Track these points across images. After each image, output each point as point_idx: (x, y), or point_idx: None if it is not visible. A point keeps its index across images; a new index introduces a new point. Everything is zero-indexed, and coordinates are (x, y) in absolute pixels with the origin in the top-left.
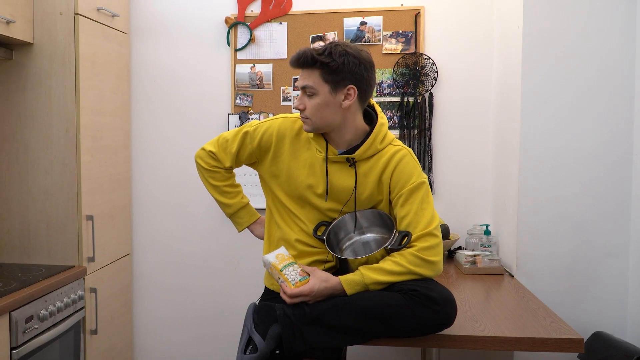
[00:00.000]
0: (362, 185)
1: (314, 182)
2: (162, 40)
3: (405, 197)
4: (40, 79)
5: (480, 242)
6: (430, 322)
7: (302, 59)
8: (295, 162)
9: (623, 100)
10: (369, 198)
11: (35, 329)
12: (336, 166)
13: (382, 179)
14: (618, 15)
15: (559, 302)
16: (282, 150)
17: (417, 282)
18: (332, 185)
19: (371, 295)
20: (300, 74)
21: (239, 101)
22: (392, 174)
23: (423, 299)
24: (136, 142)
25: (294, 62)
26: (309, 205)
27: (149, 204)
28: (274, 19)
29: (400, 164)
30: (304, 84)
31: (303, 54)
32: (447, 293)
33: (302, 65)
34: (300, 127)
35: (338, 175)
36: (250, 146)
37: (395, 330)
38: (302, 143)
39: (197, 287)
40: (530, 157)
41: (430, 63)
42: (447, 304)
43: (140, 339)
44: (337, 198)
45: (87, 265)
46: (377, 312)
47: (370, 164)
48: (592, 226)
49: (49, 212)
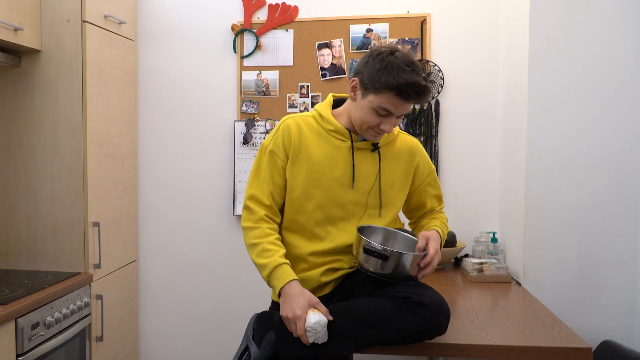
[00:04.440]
0: (386, 170)
1: (339, 172)
2: (168, 47)
3: (432, 183)
4: (48, 86)
5: (487, 250)
6: (420, 328)
7: (425, 96)
8: (317, 154)
9: (630, 109)
10: (392, 186)
11: (41, 336)
12: (360, 154)
13: (408, 167)
14: (626, 23)
15: (567, 310)
16: (302, 145)
17: (412, 288)
18: (357, 173)
19: (363, 301)
20: (403, 105)
21: (245, 108)
22: (417, 163)
23: (413, 306)
24: (142, 148)
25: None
26: (331, 202)
27: (155, 210)
28: (280, 26)
29: (422, 155)
30: (404, 113)
31: (426, 90)
32: (438, 299)
33: (422, 101)
34: (308, 123)
35: (363, 163)
36: (282, 161)
37: (386, 336)
38: (318, 137)
39: (203, 294)
40: (537, 164)
41: (437, 70)
42: (437, 310)
43: (145, 346)
44: (362, 187)
45: (93, 271)
46: (369, 318)
47: (392, 151)
48: (600, 234)
49: (55, 219)
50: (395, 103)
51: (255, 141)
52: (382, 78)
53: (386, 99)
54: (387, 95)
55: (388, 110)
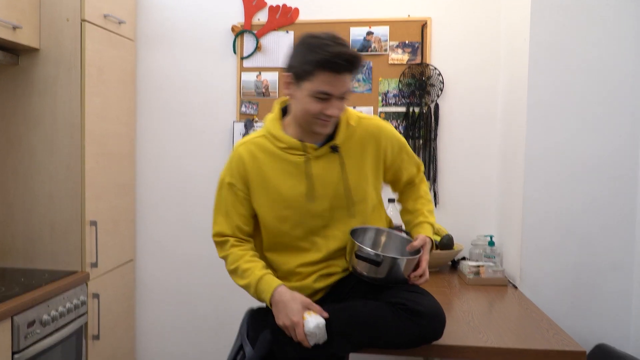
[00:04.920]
0: (352, 167)
1: (303, 188)
2: (168, 48)
3: (404, 157)
4: (46, 85)
5: (484, 253)
6: (416, 335)
7: (356, 63)
8: (277, 176)
9: (629, 115)
10: (362, 181)
11: (37, 334)
12: (322, 161)
13: (376, 155)
14: (625, 30)
15: (562, 314)
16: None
17: (408, 294)
18: (319, 182)
19: (361, 304)
20: (338, 80)
21: (244, 109)
22: (385, 147)
23: (409, 313)
24: (141, 148)
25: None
26: (306, 217)
27: (153, 210)
28: (280, 28)
29: (386, 135)
30: (348, 89)
31: (353, 57)
32: (434, 307)
33: (352, 70)
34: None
35: (326, 170)
36: (242, 192)
37: (383, 341)
38: (276, 156)
39: (200, 293)
40: (536, 169)
41: (437, 74)
42: (433, 319)
43: (142, 345)
44: (329, 193)
45: (90, 270)
46: (365, 322)
47: (354, 144)
48: (597, 239)
49: (52, 217)
50: (329, 81)
51: None
52: (309, 59)
53: (320, 80)
54: (319, 75)
55: (326, 93)
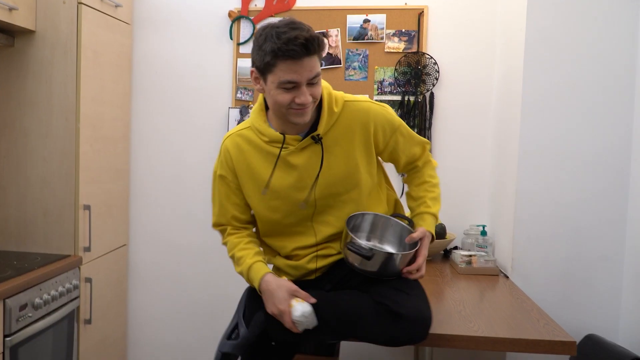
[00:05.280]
0: (337, 155)
1: (291, 179)
2: (164, 32)
3: (399, 139)
4: (42, 67)
5: (476, 243)
6: (396, 337)
7: (312, 45)
8: (263, 168)
9: (623, 107)
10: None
11: (29, 317)
12: (306, 152)
13: (364, 139)
14: (621, 22)
15: (553, 304)
16: (246, 165)
17: (393, 293)
18: (307, 173)
19: (346, 298)
20: (299, 66)
21: (239, 95)
22: (374, 130)
23: (391, 315)
24: (136, 133)
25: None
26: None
27: (147, 195)
28: (277, 14)
29: (376, 118)
30: (315, 73)
31: (308, 39)
32: (418, 311)
33: (312, 52)
34: (246, 137)
35: (311, 161)
36: (233, 182)
37: (363, 336)
38: (261, 148)
39: (193, 279)
40: (529, 160)
41: (432, 63)
42: (415, 323)
43: (134, 329)
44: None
45: (82, 254)
46: (349, 316)
47: (340, 131)
48: (588, 230)
49: (46, 201)
50: (290, 68)
51: None
52: (267, 50)
53: (281, 70)
54: (279, 65)
55: (291, 81)
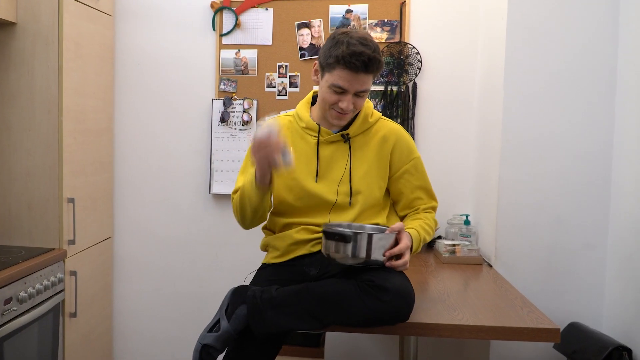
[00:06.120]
0: (360, 159)
1: (312, 166)
2: (147, 24)
3: (411, 171)
4: (23, 59)
5: (459, 232)
6: (380, 313)
7: (372, 66)
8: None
9: (604, 95)
10: (366, 174)
11: (14, 311)
12: (332, 147)
13: (382, 153)
14: (602, 15)
15: (537, 292)
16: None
17: (379, 272)
18: (324, 165)
19: (329, 282)
20: (354, 78)
21: (223, 86)
22: (392, 148)
23: (374, 290)
24: (119, 125)
25: (357, 67)
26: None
27: (131, 187)
28: (260, 5)
29: (399, 139)
30: (365, 89)
31: (372, 60)
32: (403, 286)
33: (369, 72)
34: (288, 122)
35: (335, 154)
36: None
37: (347, 318)
38: (294, 134)
39: (178, 271)
40: (512, 148)
41: (415, 53)
42: (397, 296)
43: (119, 322)
44: (331, 177)
45: (67, 248)
46: (331, 299)
47: (366, 139)
48: (571, 218)
49: (30, 194)
50: (345, 77)
51: (232, 120)
52: (332, 54)
53: (337, 74)
54: (337, 70)
55: (341, 87)
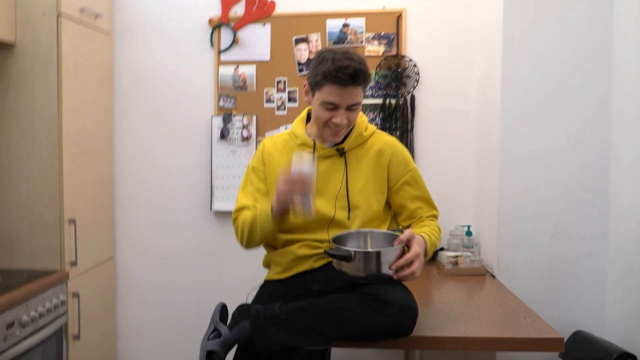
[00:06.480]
0: (356, 173)
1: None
2: (145, 41)
3: (410, 182)
4: (22, 81)
5: (462, 243)
6: (383, 327)
7: (359, 77)
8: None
9: (600, 103)
10: (364, 188)
11: (17, 336)
12: (328, 161)
13: (379, 166)
14: (595, 27)
15: (540, 301)
16: (275, 160)
17: (382, 286)
18: (325, 180)
19: (332, 298)
20: (344, 92)
21: (222, 103)
22: (389, 161)
23: (377, 304)
24: (119, 144)
25: (345, 80)
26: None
27: (132, 206)
28: (257, 21)
29: (395, 152)
30: (356, 101)
31: (357, 72)
32: (405, 299)
33: (357, 83)
34: (284, 140)
35: (332, 169)
36: (263, 172)
37: (350, 333)
38: (290, 152)
39: (181, 290)
40: (511, 159)
41: (412, 65)
42: (400, 310)
43: (123, 343)
44: (328, 192)
45: (69, 269)
46: (334, 314)
47: (362, 152)
48: (572, 226)
49: (30, 216)
50: (334, 92)
51: (232, 136)
52: (319, 71)
53: (326, 91)
54: (326, 87)
55: (332, 103)
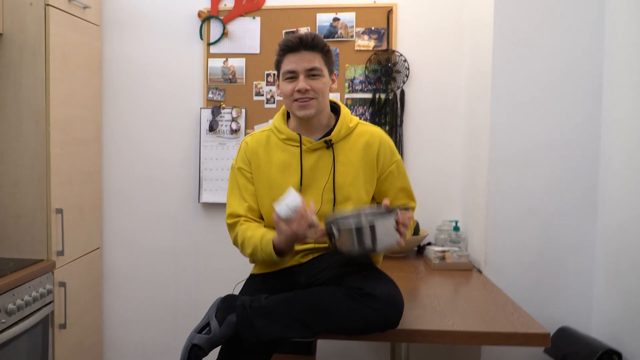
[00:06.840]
0: (345, 165)
1: (296, 177)
2: (134, 33)
3: (394, 172)
4: (10, 70)
5: (449, 238)
6: (370, 321)
7: (305, 41)
8: (275, 164)
9: (590, 97)
10: (354, 180)
11: (3, 323)
12: (316, 155)
13: (368, 157)
14: (587, 14)
15: (526, 297)
16: (258, 162)
17: (368, 280)
18: (309, 174)
19: (319, 290)
20: (298, 57)
21: (211, 95)
22: (377, 152)
23: (364, 297)
24: (107, 135)
25: (294, 44)
26: None
27: (120, 197)
28: (247, 14)
29: (382, 142)
30: (312, 66)
31: (305, 35)
32: (391, 293)
33: (305, 47)
34: (266, 137)
35: (319, 162)
36: (249, 173)
37: (337, 326)
38: (274, 148)
39: (167, 281)
40: (500, 154)
41: (402, 60)
42: (386, 303)
43: (109, 333)
44: (316, 185)
45: (56, 259)
46: (321, 307)
47: (349, 144)
48: (559, 222)
49: (18, 205)
50: (290, 60)
51: (221, 129)
52: (277, 51)
53: (284, 63)
54: (284, 60)
55: (291, 70)
